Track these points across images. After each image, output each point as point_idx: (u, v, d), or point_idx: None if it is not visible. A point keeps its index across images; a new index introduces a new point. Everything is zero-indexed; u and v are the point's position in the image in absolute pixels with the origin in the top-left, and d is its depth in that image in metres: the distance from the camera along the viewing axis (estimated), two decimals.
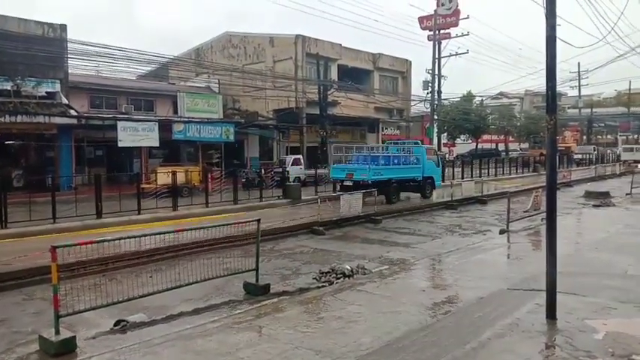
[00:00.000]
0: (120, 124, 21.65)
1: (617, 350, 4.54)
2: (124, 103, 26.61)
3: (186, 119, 25.09)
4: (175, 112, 27.34)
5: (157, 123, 23.01)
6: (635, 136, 69.46)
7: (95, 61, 21.85)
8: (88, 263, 8.65)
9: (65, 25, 22.57)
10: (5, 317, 6.81)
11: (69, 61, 21.88)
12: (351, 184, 18.18)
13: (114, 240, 6.48)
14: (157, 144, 23.02)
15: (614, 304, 5.89)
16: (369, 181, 17.58)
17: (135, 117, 23.90)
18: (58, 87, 21.89)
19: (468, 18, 37.36)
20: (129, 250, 8.72)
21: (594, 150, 50.20)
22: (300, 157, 27.53)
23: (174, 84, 31.38)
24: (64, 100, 21.85)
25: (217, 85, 31.62)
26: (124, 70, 23.85)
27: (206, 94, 30.01)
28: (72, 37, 21.45)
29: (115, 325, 6.16)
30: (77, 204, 13.94)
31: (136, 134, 22.02)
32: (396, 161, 19.79)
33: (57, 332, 5.30)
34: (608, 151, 55.95)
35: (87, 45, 19.79)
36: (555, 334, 4.98)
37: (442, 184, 21.81)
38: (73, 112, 21.63)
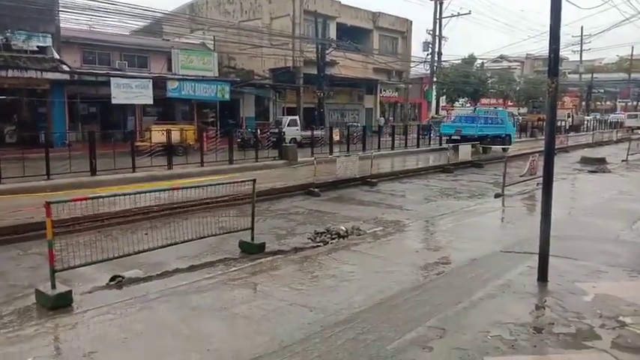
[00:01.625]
0: (113, 80, 21.30)
1: (605, 312, 4.62)
2: (118, 60, 26.05)
3: (180, 77, 24.69)
4: (170, 69, 26.83)
5: (150, 80, 22.67)
6: (635, 103, 69.12)
7: (87, 15, 21.24)
8: (83, 220, 8.65)
9: None
10: (1, 271, 6.85)
11: (60, 15, 21.25)
12: (459, 137, 23.56)
13: (109, 197, 6.46)
14: (150, 101, 22.73)
15: (604, 268, 5.96)
16: (476, 136, 23.61)
17: (128, 73, 23.47)
18: (49, 41, 21.35)
19: None
20: (124, 208, 8.71)
21: (568, 116, 46.10)
22: (297, 117, 27.28)
23: (168, 40, 30.68)
24: (56, 55, 21.37)
25: (212, 42, 30.91)
26: (117, 25, 23.27)
27: (201, 51, 29.38)
28: None
29: (111, 280, 6.21)
30: (71, 161, 13.85)
31: (130, 91, 21.71)
32: (490, 122, 25.62)
33: (53, 286, 5.34)
34: (596, 117, 54.57)
35: None
36: (546, 296, 5.05)
37: (440, 146, 25.24)
38: (65, 68, 21.20)
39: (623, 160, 20.48)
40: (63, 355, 3.98)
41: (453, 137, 24.28)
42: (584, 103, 60.28)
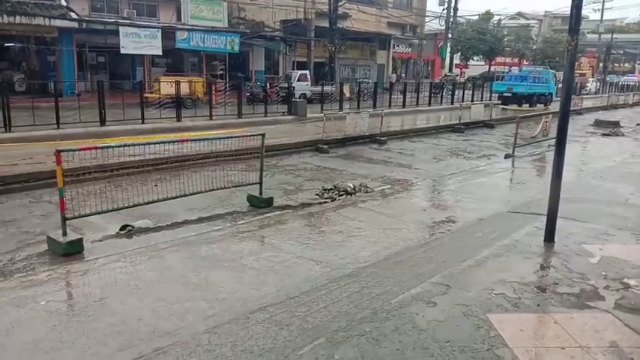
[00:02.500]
0: (122, 29, 20.96)
1: (610, 274, 4.64)
2: (126, 8, 25.52)
3: (189, 27, 24.22)
4: (179, 19, 26.29)
5: (159, 30, 22.29)
6: None
7: None
8: (93, 169, 8.71)
9: None
10: (13, 218, 6.98)
11: None
12: (510, 94, 27.50)
13: (118, 147, 6.46)
14: (159, 52, 22.43)
15: (612, 231, 5.96)
16: (526, 93, 27.20)
17: (137, 23, 23.05)
18: None
19: None
20: (133, 159, 8.75)
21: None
22: (307, 72, 26.83)
23: None
24: (64, 2, 20.99)
25: None
26: None
27: (211, 0, 28.68)
28: None
29: (121, 229, 6.31)
30: (80, 110, 13.83)
31: (139, 41, 21.39)
32: (537, 80, 28.61)
33: (64, 234, 5.43)
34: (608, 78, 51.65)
35: None
36: (551, 257, 5.08)
37: (452, 105, 25.84)
38: (73, 15, 20.86)
39: (638, 124, 20.15)
40: (75, 300, 4.09)
41: (504, 94, 27.88)
42: (601, 64, 58.70)
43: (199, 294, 4.12)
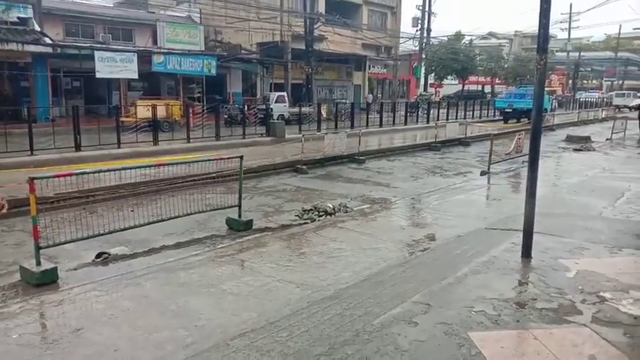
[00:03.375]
0: (97, 54, 20.85)
1: (587, 287, 4.72)
2: (102, 32, 25.50)
3: (166, 50, 24.24)
4: (155, 42, 26.32)
5: (135, 54, 22.23)
6: (620, 82, 69.56)
7: None
8: (68, 196, 8.55)
9: None
10: None
11: None
12: (510, 110, 29.51)
13: (94, 173, 6.37)
14: (135, 76, 22.35)
15: (587, 245, 6.07)
16: (525, 109, 27.74)
17: (113, 47, 22.98)
18: (30, 12, 20.80)
19: None
20: (110, 184, 8.63)
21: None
22: (285, 94, 27.00)
23: (153, 13, 30.02)
24: (37, 27, 20.82)
25: (199, 16, 30.35)
26: None
27: (187, 24, 28.83)
28: None
29: (97, 257, 6.18)
30: (55, 136, 13.63)
31: (114, 65, 21.29)
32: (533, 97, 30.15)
33: (38, 263, 5.29)
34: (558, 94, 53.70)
35: None
36: (529, 272, 5.14)
37: (427, 124, 26.22)
38: (47, 40, 20.68)
39: (607, 139, 20.72)
40: (49, 332, 3.97)
41: (505, 110, 30.22)
42: (570, 81, 60.49)
43: (178, 322, 4.04)
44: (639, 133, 21.43)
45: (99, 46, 22.63)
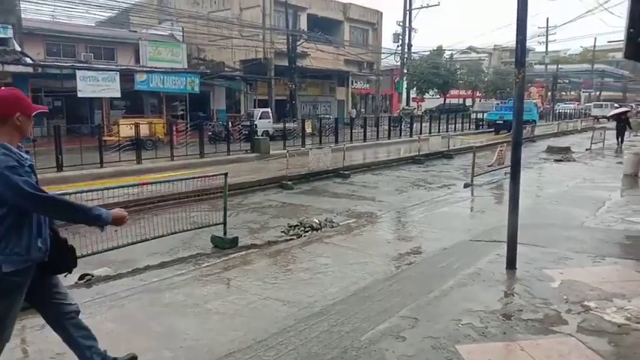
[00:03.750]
0: (79, 73, 20.73)
1: (571, 297, 4.76)
2: (83, 52, 25.38)
3: (148, 69, 24.20)
4: (137, 61, 26.29)
5: (118, 73, 22.15)
6: (597, 93, 71.13)
7: (50, 6, 20.60)
8: None
9: None
10: None
11: (21, 5, 20.55)
12: (501, 122, 31.37)
13: (75, 193, 6.28)
14: (118, 94, 22.24)
15: (570, 254, 6.14)
16: None
17: (95, 66, 22.88)
18: (10, 33, 20.60)
19: None
20: (92, 205, 8.52)
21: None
22: (269, 110, 27.08)
23: (135, 32, 29.99)
24: (18, 47, 20.66)
25: (181, 34, 30.41)
26: (82, 16, 22.67)
27: (170, 42, 28.88)
28: None
29: (80, 279, 6.07)
30: (36, 157, 13.33)
31: (97, 84, 21.18)
32: (526, 110, 31.44)
33: None
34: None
35: None
36: (514, 283, 5.18)
37: (411, 138, 26.60)
38: (28, 60, 20.52)
39: (587, 149, 21.12)
40: (30, 357, 3.88)
41: (497, 122, 32.34)
42: (550, 93, 61.67)
43: (163, 343, 3.98)
44: (617, 143, 21.87)
45: (81, 65, 22.50)
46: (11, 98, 2.82)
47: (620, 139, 21.92)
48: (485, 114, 36.30)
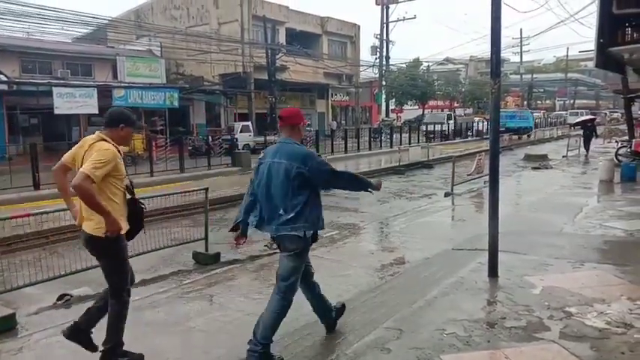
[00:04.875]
0: (55, 90, 20.47)
1: (553, 303, 4.82)
2: (60, 68, 25.08)
3: (126, 84, 24.02)
4: (115, 77, 26.09)
5: (95, 89, 21.94)
6: (572, 101, 72.80)
7: (24, 22, 20.34)
8: (27, 237, 8.25)
9: None
10: None
11: None
12: (504, 129, 32.08)
13: (53, 212, 6.17)
14: (96, 111, 21.96)
15: (550, 261, 6.23)
16: (515, 127, 35.74)
17: (71, 82, 22.63)
18: None
19: None
20: (70, 223, 8.35)
21: (448, 119, 38.96)
22: (249, 123, 27.10)
23: (113, 47, 29.79)
24: None
25: (159, 49, 30.28)
26: (58, 33, 22.40)
27: (148, 57, 28.74)
28: None
29: (59, 299, 5.94)
30: (12, 175, 13.19)
31: (74, 101, 20.93)
32: (521, 118, 37.39)
33: None
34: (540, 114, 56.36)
35: (13, 4, 18.33)
36: (497, 291, 5.22)
37: (391, 148, 26.86)
38: (2, 78, 20.20)
39: (563, 156, 21.52)
40: None
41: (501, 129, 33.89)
42: (525, 102, 62.93)
43: None
44: (585, 152, 22.12)
45: (57, 82, 22.23)
46: (298, 113, 4.22)
47: (586, 147, 22.23)
48: (435, 126, 35.80)
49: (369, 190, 4.05)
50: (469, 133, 39.06)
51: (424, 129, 35.03)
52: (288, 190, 3.67)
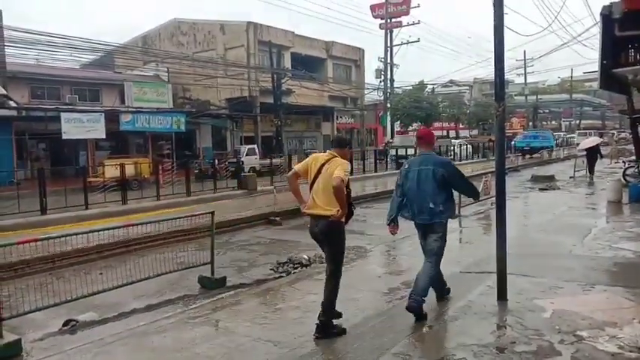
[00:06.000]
0: (64, 115, 20.72)
1: (563, 327, 4.74)
2: (68, 94, 25.43)
3: (134, 109, 24.30)
4: (123, 102, 26.42)
5: (103, 114, 22.19)
6: (577, 122, 72.79)
7: (35, 50, 20.74)
8: (33, 262, 8.26)
9: (0, 11, 21.30)
10: None
11: (5, 50, 20.65)
12: (528, 148, 38.48)
13: (59, 237, 6.19)
14: (103, 135, 22.20)
15: (560, 284, 6.15)
16: (538, 147, 38.72)
17: (79, 107, 22.91)
18: None
19: (418, 7, 37.90)
20: (76, 247, 8.38)
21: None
22: (255, 146, 27.22)
23: (120, 73, 30.26)
24: (2, 91, 20.65)
25: (166, 74, 30.72)
26: (66, 59, 22.77)
27: (155, 82, 29.14)
28: (8, 24, 20.24)
29: (64, 325, 5.92)
30: (20, 200, 13.26)
31: (81, 126, 21.15)
32: (544, 138, 40.69)
33: (0, 336, 5.02)
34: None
35: (25, 32, 18.73)
36: (506, 315, 5.15)
37: (397, 170, 25.65)
38: (12, 104, 20.50)
39: (570, 177, 21.40)
40: None
41: (524, 149, 38.34)
42: (531, 123, 62.97)
43: None
44: (589, 176, 21.55)
45: (65, 107, 22.52)
46: (432, 133, 5.67)
47: (591, 170, 21.65)
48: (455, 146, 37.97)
49: (475, 197, 6.28)
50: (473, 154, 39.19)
51: (393, 153, 30.72)
52: (436, 189, 5.05)
